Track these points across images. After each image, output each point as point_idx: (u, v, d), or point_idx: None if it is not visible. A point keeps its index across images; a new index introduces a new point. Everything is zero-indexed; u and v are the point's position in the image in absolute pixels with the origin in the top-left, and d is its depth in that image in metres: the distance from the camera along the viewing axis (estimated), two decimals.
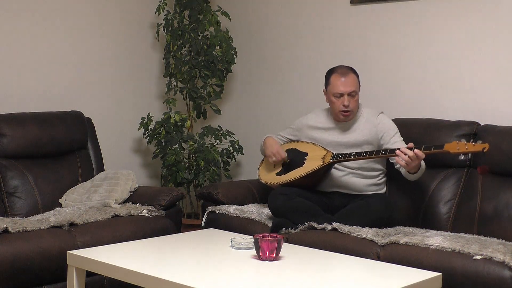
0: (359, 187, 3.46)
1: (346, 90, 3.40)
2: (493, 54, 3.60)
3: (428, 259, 2.75)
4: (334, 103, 3.44)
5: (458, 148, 3.04)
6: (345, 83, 3.40)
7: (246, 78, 4.74)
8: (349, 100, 3.40)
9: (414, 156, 3.08)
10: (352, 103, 3.42)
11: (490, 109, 3.60)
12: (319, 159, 3.42)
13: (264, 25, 4.61)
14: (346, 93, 3.40)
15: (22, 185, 3.64)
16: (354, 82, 3.42)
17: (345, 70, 3.46)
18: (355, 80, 3.44)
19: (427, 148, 3.11)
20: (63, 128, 3.86)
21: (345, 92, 3.40)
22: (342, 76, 3.42)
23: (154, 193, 3.70)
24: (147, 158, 4.75)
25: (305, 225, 3.21)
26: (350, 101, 3.40)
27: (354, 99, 3.42)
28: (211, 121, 4.81)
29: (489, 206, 3.24)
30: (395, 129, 3.46)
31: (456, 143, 3.06)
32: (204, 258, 2.70)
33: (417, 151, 3.08)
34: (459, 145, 3.05)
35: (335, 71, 3.47)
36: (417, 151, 3.08)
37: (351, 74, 3.44)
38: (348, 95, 3.40)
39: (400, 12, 3.94)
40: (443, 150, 3.08)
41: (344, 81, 3.40)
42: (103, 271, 2.66)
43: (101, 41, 4.44)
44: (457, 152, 3.05)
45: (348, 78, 3.41)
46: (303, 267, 2.61)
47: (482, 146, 3.01)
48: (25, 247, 2.97)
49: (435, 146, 3.12)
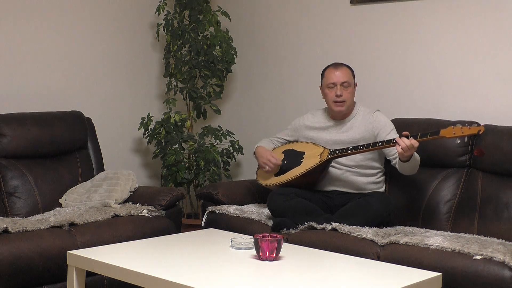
0: (357, 185, 3.46)
1: (339, 80, 3.46)
2: (493, 54, 3.60)
3: (428, 259, 2.75)
4: (327, 95, 3.50)
5: (454, 132, 3.05)
6: (337, 74, 3.48)
7: (246, 78, 4.74)
8: (342, 90, 3.45)
9: (410, 145, 3.08)
10: (345, 94, 3.46)
11: (490, 109, 3.60)
12: (316, 157, 3.43)
13: (264, 25, 4.61)
14: (339, 83, 3.46)
15: (22, 185, 3.64)
16: (346, 74, 3.49)
17: (339, 64, 3.55)
18: (348, 72, 3.51)
19: (423, 135, 3.12)
20: (63, 128, 3.86)
21: (337, 82, 3.46)
22: (335, 69, 3.51)
23: (154, 193, 3.70)
24: (147, 158, 4.75)
25: (304, 225, 3.21)
26: (342, 92, 3.45)
27: (347, 91, 3.46)
28: (211, 121, 4.81)
29: (489, 206, 3.24)
30: (391, 126, 3.47)
31: (452, 128, 3.06)
32: (204, 258, 2.70)
33: (412, 140, 3.09)
34: (455, 130, 3.05)
35: (329, 66, 3.56)
36: (412, 140, 3.09)
37: (344, 67, 3.52)
38: (340, 85, 3.45)
39: (400, 12, 3.94)
40: (439, 136, 3.09)
41: (336, 72, 3.49)
42: (103, 271, 2.66)
43: (101, 41, 4.44)
44: (453, 136, 3.06)
45: (341, 70, 3.50)
46: (303, 267, 2.61)
47: (478, 128, 3.02)
48: (25, 247, 2.97)
49: (431, 133, 3.11)
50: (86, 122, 4.03)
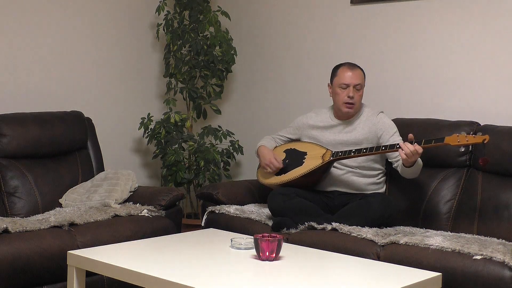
0: (358, 186, 3.46)
1: (353, 82, 3.44)
2: (493, 54, 3.60)
3: (428, 259, 2.75)
4: (339, 95, 3.47)
5: (459, 140, 3.04)
6: (352, 75, 3.46)
7: (246, 78, 4.74)
8: (354, 93, 3.43)
9: (414, 151, 3.08)
10: (357, 97, 3.45)
11: (490, 109, 3.60)
12: (318, 158, 3.43)
13: (264, 25, 4.61)
14: (352, 84, 3.44)
15: (22, 185, 3.64)
16: (361, 76, 3.49)
17: (353, 65, 3.53)
18: (362, 75, 3.50)
19: (428, 141, 3.11)
20: (63, 128, 3.86)
21: (351, 84, 3.44)
22: (349, 69, 3.48)
23: (154, 193, 3.70)
24: (147, 158, 4.75)
25: (305, 225, 3.21)
26: (355, 94, 3.43)
27: (358, 93, 3.46)
28: (211, 121, 4.81)
29: (489, 206, 3.24)
30: (394, 128, 3.46)
31: (457, 136, 3.05)
32: (204, 258, 2.70)
33: (416, 146, 3.08)
34: (460, 138, 3.05)
35: (344, 65, 3.53)
36: (416, 146, 3.08)
37: (359, 69, 3.51)
38: (353, 87, 3.44)
39: (400, 12, 3.94)
40: (444, 143, 3.08)
41: (351, 73, 3.46)
42: (103, 271, 2.66)
43: (101, 41, 4.44)
44: (457, 144, 3.05)
45: (356, 71, 3.48)
46: (303, 267, 2.61)
47: (483, 137, 3.01)
48: (25, 247, 2.97)
49: (435, 140, 3.11)
50: (86, 122, 4.03)
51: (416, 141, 3.11)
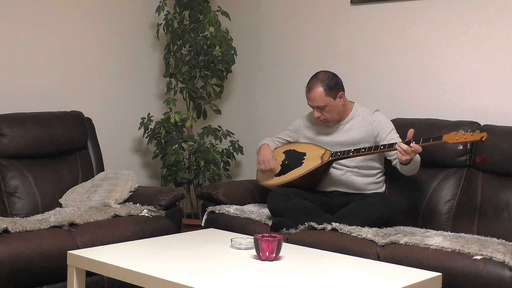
0: (358, 186, 3.46)
1: (313, 105, 3.47)
2: (493, 54, 3.60)
3: (428, 259, 2.75)
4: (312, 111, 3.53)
5: (457, 138, 3.05)
6: (310, 97, 3.46)
7: (246, 78, 4.74)
8: (319, 112, 3.45)
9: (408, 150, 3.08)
10: (324, 114, 3.46)
11: (490, 109, 3.60)
12: (317, 158, 3.43)
13: (264, 25, 4.61)
14: (314, 106, 3.46)
15: (22, 185, 3.64)
16: (318, 97, 3.42)
17: (312, 84, 3.47)
18: (320, 95, 3.42)
19: (426, 140, 3.11)
20: (63, 128, 3.86)
21: (312, 106, 3.47)
22: (308, 91, 3.48)
23: (154, 193, 3.70)
24: (147, 158, 4.75)
25: (305, 225, 3.21)
26: (321, 113, 3.45)
27: (325, 110, 3.45)
28: (211, 121, 4.81)
29: (489, 206, 3.24)
30: (390, 126, 3.47)
31: (454, 134, 3.05)
32: (204, 258, 2.70)
33: (414, 145, 3.09)
34: (458, 135, 3.05)
35: (307, 84, 3.51)
36: (414, 145, 3.09)
37: (315, 89, 3.43)
38: (316, 108, 3.45)
39: (400, 12, 3.94)
40: (442, 141, 3.08)
41: (309, 95, 3.46)
42: (103, 271, 2.66)
43: (101, 41, 4.44)
44: (455, 142, 3.06)
45: (311, 94, 3.45)
46: (303, 267, 2.61)
47: (481, 135, 3.01)
48: (25, 247, 2.97)
49: (433, 138, 3.11)
50: (86, 122, 4.03)
51: (415, 140, 3.11)
